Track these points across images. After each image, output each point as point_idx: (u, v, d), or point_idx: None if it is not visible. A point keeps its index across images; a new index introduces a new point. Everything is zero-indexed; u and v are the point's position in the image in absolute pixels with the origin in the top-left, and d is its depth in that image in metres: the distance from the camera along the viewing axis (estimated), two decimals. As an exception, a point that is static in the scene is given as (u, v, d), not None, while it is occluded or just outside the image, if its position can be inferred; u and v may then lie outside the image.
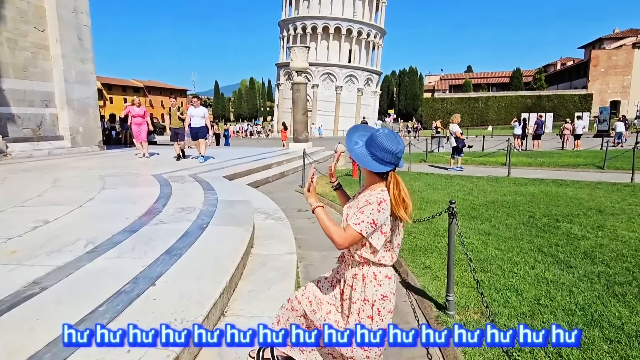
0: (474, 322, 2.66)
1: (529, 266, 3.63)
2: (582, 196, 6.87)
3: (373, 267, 1.66)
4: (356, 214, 1.58)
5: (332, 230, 1.58)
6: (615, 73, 46.46)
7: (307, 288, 1.91)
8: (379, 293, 1.65)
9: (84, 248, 3.21)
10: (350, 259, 1.71)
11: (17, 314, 2.13)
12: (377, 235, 1.59)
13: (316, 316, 1.82)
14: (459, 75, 76.05)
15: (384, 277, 1.66)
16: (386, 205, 1.57)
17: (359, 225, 1.54)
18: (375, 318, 1.65)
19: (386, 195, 1.60)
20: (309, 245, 4.58)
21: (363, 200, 1.62)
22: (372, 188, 1.66)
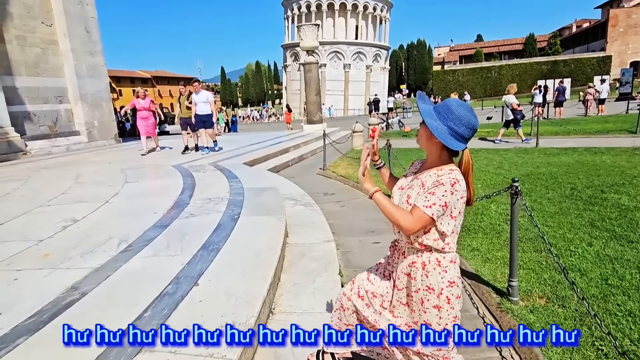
0: (541, 308, 2.45)
1: (585, 243, 3.38)
2: (622, 164, 6.50)
3: (435, 253, 1.47)
4: (425, 196, 1.38)
5: (397, 215, 1.37)
6: (635, 32, 44.25)
7: (356, 282, 1.74)
8: (445, 280, 1.46)
9: (117, 247, 3.09)
10: (406, 246, 1.52)
11: (60, 324, 2.00)
12: (447, 219, 1.40)
13: (369, 311, 1.66)
14: (469, 45, 73.73)
15: (448, 262, 1.47)
16: (459, 187, 1.38)
17: (430, 208, 1.35)
18: (445, 307, 1.47)
19: (459, 175, 1.41)
20: (343, 231, 4.40)
21: (432, 180, 1.42)
22: (438, 167, 1.46)
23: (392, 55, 61.01)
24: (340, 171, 7.86)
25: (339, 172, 7.74)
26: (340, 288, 2.75)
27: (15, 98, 10.11)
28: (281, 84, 56.90)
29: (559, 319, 2.32)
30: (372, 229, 4.55)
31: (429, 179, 1.44)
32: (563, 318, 2.32)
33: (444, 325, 1.48)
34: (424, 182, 1.45)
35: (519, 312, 2.42)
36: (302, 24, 16.87)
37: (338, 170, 7.95)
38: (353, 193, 6.32)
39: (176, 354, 1.72)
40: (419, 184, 1.46)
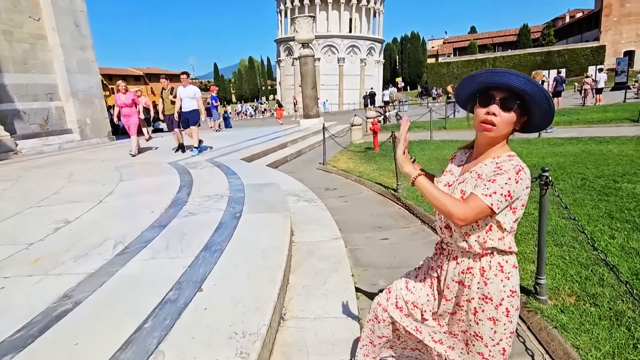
0: (572, 307, 2.28)
1: (607, 235, 3.23)
2: (630, 152, 6.36)
3: (497, 257, 1.25)
4: (484, 183, 1.16)
5: (447, 202, 1.14)
6: (629, 22, 44.27)
7: (393, 291, 1.51)
8: (507, 288, 1.24)
9: (113, 249, 2.88)
10: (459, 250, 1.30)
11: (52, 338, 1.81)
12: (506, 212, 1.18)
13: (408, 320, 1.46)
14: (463, 38, 73.47)
15: (511, 267, 1.26)
16: (524, 175, 1.16)
17: (491, 197, 1.12)
18: (502, 320, 1.25)
19: (521, 162, 1.19)
20: (348, 227, 4.22)
21: (490, 168, 1.20)
22: (494, 154, 1.23)
23: (386, 48, 60.65)
24: (340, 165, 7.67)
25: (339, 167, 7.55)
26: (353, 289, 2.58)
27: (4, 95, 9.79)
28: (275, 79, 56.41)
29: (592, 318, 2.15)
30: (378, 224, 4.38)
31: (485, 168, 1.22)
32: (597, 318, 2.16)
33: (498, 342, 1.28)
34: (480, 173, 1.23)
35: (549, 312, 2.25)
36: (296, 16, 16.55)
37: (338, 165, 7.76)
38: (356, 188, 6.13)
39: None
40: (475, 177, 1.24)
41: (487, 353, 1.30)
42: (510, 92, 1.16)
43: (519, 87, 1.14)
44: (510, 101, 1.16)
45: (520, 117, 1.20)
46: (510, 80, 1.14)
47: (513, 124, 1.20)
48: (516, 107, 1.17)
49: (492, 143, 1.24)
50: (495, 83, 1.17)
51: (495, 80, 1.17)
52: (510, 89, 1.15)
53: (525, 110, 1.19)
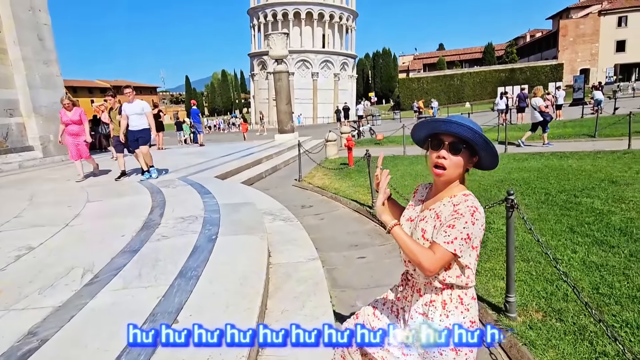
0: (539, 323, 2.39)
1: (569, 250, 3.40)
2: (587, 167, 6.75)
3: (457, 290, 1.33)
4: (445, 229, 1.24)
5: (419, 254, 1.21)
6: (583, 42, 47.40)
7: (360, 317, 1.57)
8: (467, 320, 1.32)
9: (81, 279, 2.77)
10: (422, 284, 1.37)
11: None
12: (469, 252, 1.26)
13: (376, 348, 1.48)
14: (432, 54, 76.21)
15: (470, 299, 1.34)
16: (479, 215, 1.24)
17: (452, 244, 1.21)
18: (464, 350, 1.31)
19: (476, 201, 1.28)
20: (325, 246, 4.25)
21: (448, 209, 1.28)
22: (451, 193, 1.32)
23: (359, 63, 61.99)
24: (316, 182, 7.72)
25: (315, 183, 7.59)
26: (332, 313, 2.59)
27: (-40, 112, 9.28)
28: (248, 92, 56.28)
29: (558, 334, 2.26)
30: (354, 242, 4.43)
31: (444, 209, 1.30)
32: (563, 333, 2.26)
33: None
34: (438, 213, 1.31)
35: (519, 329, 2.34)
36: (270, 32, 16.71)
37: (314, 181, 7.80)
38: (331, 205, 6.18)
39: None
40: (433, 216, 1.32)
41: None
42: (457, 137, 1.25)
43: (462, 134, 1.23)
44: (458, 145, 1.25)
45: (471, 157, 1.30)
46: (452, 129, 1.24)
47: (463, 166, 1.29)
48: (463, 149, 1.26)
49: (447, 183, 1.33)
50: (441, 130, 1.27)
51: (440, 129, 1.27)
52: (456, 135, 1.25)
53: (473, 151, 1.29)
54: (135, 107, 6.91)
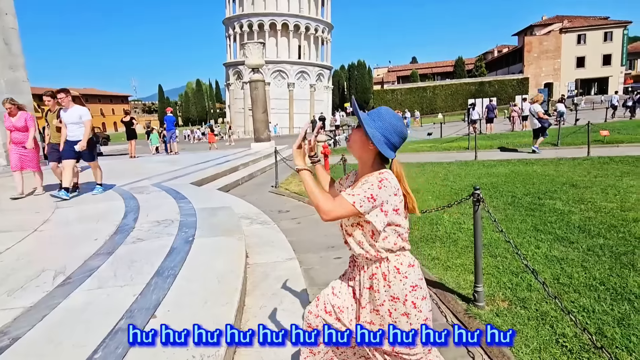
0: (505, 311, 2.53)
1: (533, 246, 3.61)
2: (551, 172, 7.14)
3: (393, 261, 1.44)
4: (352, 189, 1.37)
5: (319, 197, 1.33)
6: (547, 57, 50.00)
7: (321, 298, 1.66)
8: (407, 286, 1.43)
9: (53, 281, 2.71)
10: (363, 260, 1.49)
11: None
12: (377, 212, 1.35)
13: (339, 325, 1.59)
14: (406, 67, 78.28)
15: (407, 267, 1.45)
16: (389, 184, 1.36)
17: (353, 196, 1.32)
18: (412, 312, 1.43)
19: (390, 175, 1.40)
20: (302, 248, 4.29)
21: (361, 182, 1.40)
22: (368, 174, 1.44)
23: (335, 75, 62.85)
24: (293, 188, 7.77)
25: (291, 189, 7.64)
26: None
27: None
28: (224, 102, 55.90)
29: (522, 320, 2.40)
30: (331, 244, 4.49)
31: (358, 184, 1.42)
32: (526, 319, 2.41)
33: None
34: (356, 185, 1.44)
35: (486, 316, 2.47)
36: (246, 42, 16.78)
37: (291, 187, 7.85)
38: (308, 209, 6.24)
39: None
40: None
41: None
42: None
43: (355, 113, 1.45)
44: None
45: (367, 139, 1.40)
46: (353, 108, 1.45)
47: (363, 144, 1.42)
48: (357, 127, 1.45)
49: (364, 165, 1.47)
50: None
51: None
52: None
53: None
54: (72, 115, 5.92)
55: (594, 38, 48.61)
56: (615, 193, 5.28)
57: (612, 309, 2.44)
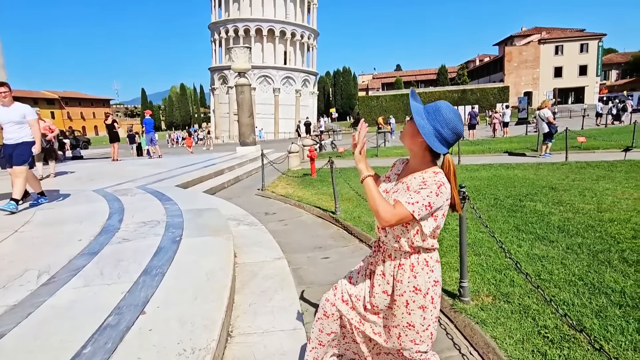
0: (489, 305, 2.60)
1: (515, 245, 3.71)
2: (531, 176, 7.35)
3: (423, 254, 1.48)
4: (410, 194, 1.37)
5: (379, 204, 1.34)
6: (526, 67, 51.47)
7: (339, 287, 1.68)
8: (431, 279, 1.47)
9: (37, 280, 2.65)
10: (392, 249, 1.50)
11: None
12: (430, 220, 1.40)
13: (353, 313, 1.62)
14: (390, 74, 79.34)
15: (435, 261, 1.50)
16: (445, 190, 1.38)
17: (413, 205, 1.33)
18: (429, 307, 1.47)
19: (444, 178, 1.42)
20: (290, 249, 4.31)
21: (417, 181, 1.42)
22: (422, 170, 1.46)
23: (320, 81, 63.24)
24: (279, 191, 7.78)
25: (278, 192, 7.65)
26: (299, 304, 2.66)
27: None
28: (208, 107, 55.48)
29: (506, 313, 2.48)
30: (319, 245, 4.53)
31: (413, 181, 1.44)
32: (510, 312, 2.49)
33: (427, 327, 1.49)
34: (409, 185, 1.44)
35: (471, 311, 2.54)
36: (232, 46, 16.76)
37: (277, 190, 7.85)
38: (295, 212, 6.26)
39: (130, 391, 1.49)
40: (404, 188, 1.45)
41: (418, 339, 1.50)
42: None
43: (410, 104, 1.45)
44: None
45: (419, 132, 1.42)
46: (410, 99, 1.47)
47: (415, 136, 1.43)
48: (411, 119, 1.45)
49: (415, 157, 1.49)
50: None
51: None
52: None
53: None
54: (13, 113, 5.11)
55: (570, 49, 50.31)
56: (592, 195, 5.48)
57: (590, 302, 2.55)
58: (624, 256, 3.28)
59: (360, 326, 1.59)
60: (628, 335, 2.17)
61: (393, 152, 13.82)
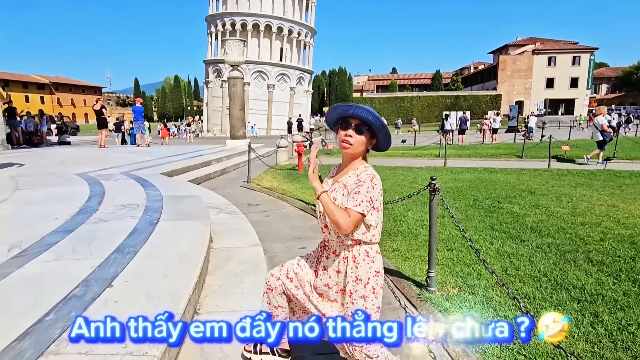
0: (454, 296, 2.68)
1: (488, 242, 3.81)
2: (512, 181, 7.49)
3: (364, 246, 1.59)
4: (352, 196, 1.50)
5: (338, 216, 1.47)
6: (519, 76, 52.17)
7: (285, 265, 1.79)
8: (372, 270, 1.58)
9: (7, 253, 2.65)
10: (336, 245, 1.62)
11: None
12: (372, 212, 1.53)
13: (299, 292, 1.71)
14: (385, 77, 79.69)
15: (375, 252, 1.61)
16: (377, 181, 1.53)
17: (359, 206, 1.48)
18: (370, 297, 1.57)
19: (374, 171, 1.56)
20: (269, 238, 4.34)
21: (352, 179, 1.55)
22: (354, 167, 1.59)
23: (315, 80, 63.19)
24: (264, 184, 7.80)
25: (263, 185, 7.67)
26: (269, 288, 2.70)
27: None
28: (201, 100, 55.09)
29: (469, 304, 2.56)
30: (297, 235, 4.57)
31: (349, 179, 1.56)
32: (473, 303, 2.57)
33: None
34: (345, 184, 1.56)
35: (436, 300, 2.61)
36: (228, 38, 16.69)
37: (262, 183, 7.87)
38: (278, 204, 6.29)
39: (87, 355, 1.52)
40: (341, 187, 1.57)
41: None
42: (361, 120, 1.52)
43: (365, 117, 1.50)
44: (361, 127, 1.53)
45: (371, 139, 1.57)
46: (359, 112, 1.51)
47: (365, 144, 1.56)
48: (365, 131, 1.53)
49: (352, 158, 1.60)
50: (349, 114, 1.53)
51: (349, 112, 1.53)
52: (360, 118, 1.51)
53: (373, 134, 1.56)
54: None
55: (563, 61, 51.13)
56: (568, 200, 5.62)
57: (550, 297, 2.64)
58: (589, 257, 3.39)
59: (306, 303, 1.66)
60: (582, 327, 2.26)
61: (381, 153, 13.91)
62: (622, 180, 7.32)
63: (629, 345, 2.08)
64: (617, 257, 3.37)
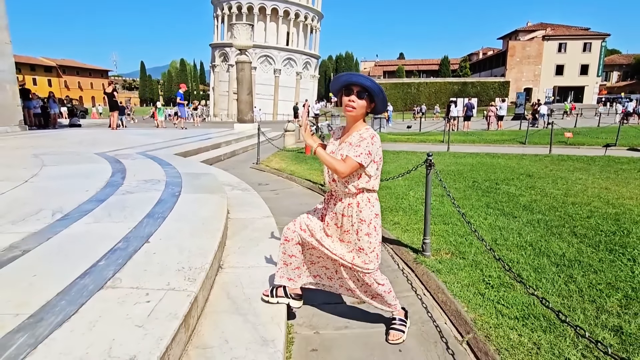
0: (447, 260, 3.00)
1: (482, 217, 4.12)
2: (513, 165, 7.75)
3: (366, 193, 1.93)
4: (354, 148, 1.82)
5: (334, 163, 1.79)
6: (528, 63, 51.52)
7: (298, 220, 2.12)
8: (373, 212, 1.94)
9: (52, 217, 3.01)
10: (342, 193, 1.94)
11: (7, 273, 2.00)
12: (372, 164, 1.86)
13: (312, 239, 2.04)
14: (392, 62, 78.96)
15: (375, 199, 1.96)
16: (377, 139, 1.86)
17: (359, 157, 1.79)
18: (373, 233, 1.94)
19: (373, 131, 1.89)
20: (279, 212, 4.67)
21: (356, 138, 1.86)
22: (357, 129, 1.90)
23: (322, 65, 62.88)
24: (273, 165, 8.12)
25: (272, 166, 8.00)
26: (282, 250, 3.04)
27: None
28: (208, 84, 55.17)
29: (459, 266, 2.89)
30: (306, 210, 4.89)
31: (353, 138, 1.88)
32: (462, 266, 2.89)
33: (373, 249, 1.95)
34: (351, 142, 1.88)
35: (430, 263, 2.94)
36: (235, 22, 16.81)
37: (271, 165, 8.20)
38: (287, 183, 6.63)
39: (138, 289, 1.87)
40: (347, 145, 1.88)
41: (367, 259, 1.96)
42: (362, 87, 1.83)
43: (365, 84, 1.82)
44: (362, 93, 1.84)
45: (369, 104, 1.88)
46: (361, 80, 1.82)
47: (365, 107, 1.87)
48: (366, 97, 1.84)
49: (354, 120, 1.91)
50: (352, 81, 1.84)
51: (352, 80, 1.84)
52: (361, 85, 1.82)
53: (372, 99, 1.87)
54: None
55: (573, 47, 50.33)
56: (563, 183, 5.89)
57: (532, 261, 2.96)
58: (574, 231, 3.69)
59: (319, 247, 2.00)
60: (556, 285, 2.58)
61: (387, 137, 14.15)
62: (619, 165, 7.55)
63: (595, 299, 2.40)
64: (600, 231, 3.67)
